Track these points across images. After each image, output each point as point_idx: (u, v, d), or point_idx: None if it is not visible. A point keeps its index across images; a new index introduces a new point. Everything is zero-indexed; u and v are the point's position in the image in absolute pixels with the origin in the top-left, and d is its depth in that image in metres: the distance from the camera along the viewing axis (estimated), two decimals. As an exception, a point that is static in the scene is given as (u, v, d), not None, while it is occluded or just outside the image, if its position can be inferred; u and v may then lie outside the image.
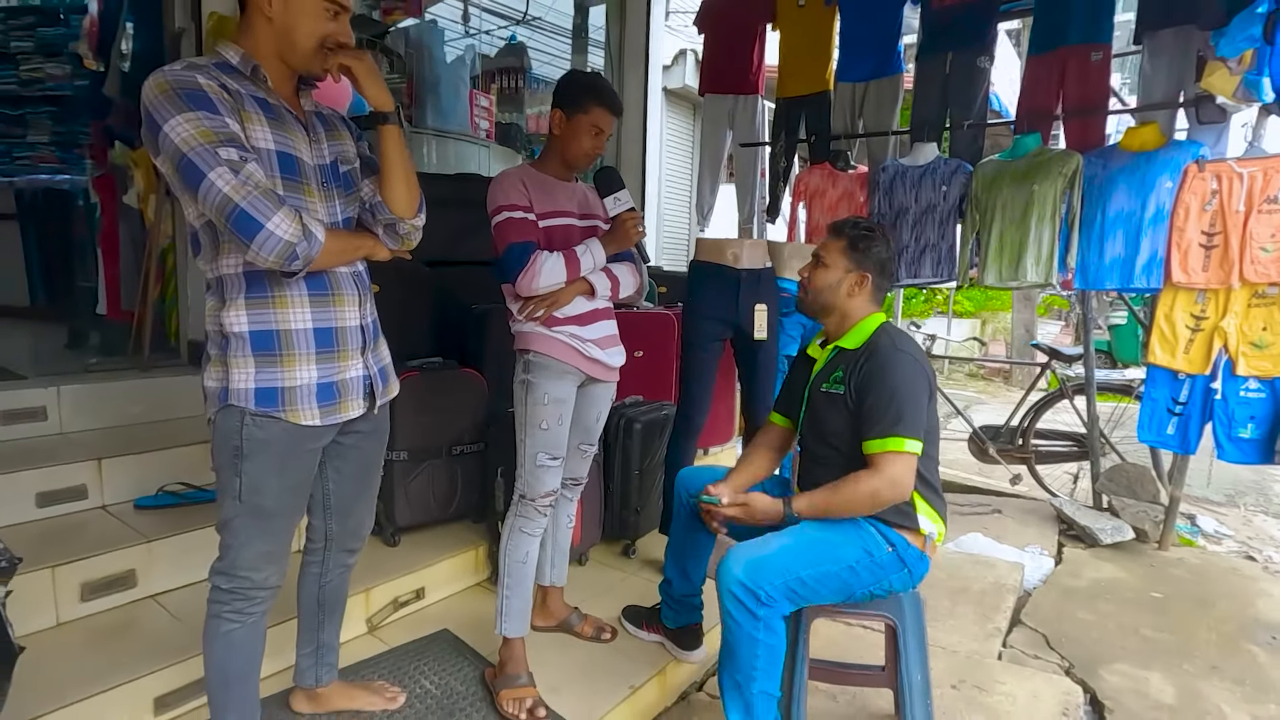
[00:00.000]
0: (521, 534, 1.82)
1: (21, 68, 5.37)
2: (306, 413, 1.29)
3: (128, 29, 2.94)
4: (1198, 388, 2.93)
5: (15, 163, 5.41)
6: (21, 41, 5.38)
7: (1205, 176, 2.79)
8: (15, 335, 3.77)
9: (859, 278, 1.65)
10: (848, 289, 1.66)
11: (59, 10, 5.27)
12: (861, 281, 1.66)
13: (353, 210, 1.41)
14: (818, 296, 1.69)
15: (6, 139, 5.50)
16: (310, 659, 1.64)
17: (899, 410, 1.53)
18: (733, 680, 1.57)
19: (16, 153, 5.48)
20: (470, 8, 5.50)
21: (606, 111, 1.77)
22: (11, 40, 5.36)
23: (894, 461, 1.53)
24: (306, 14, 1.24)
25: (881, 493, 1.54)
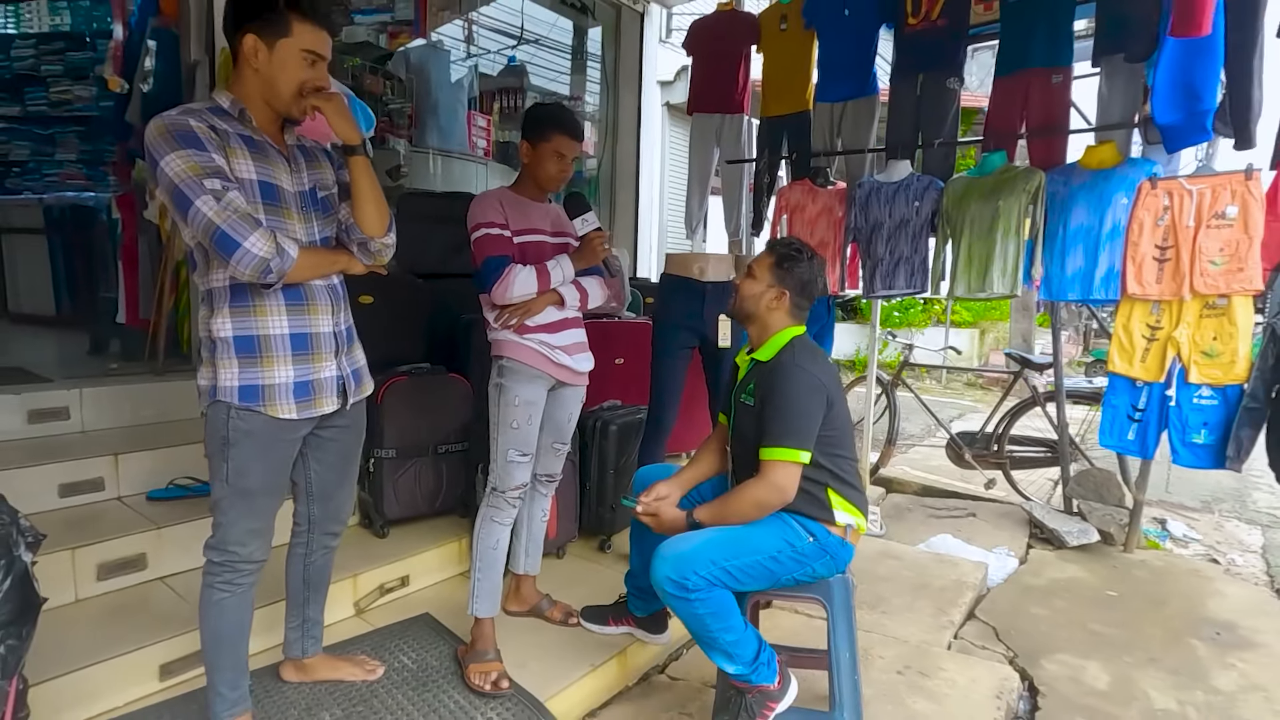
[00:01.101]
0: (493, 523, 2.01)
1: (51, 90, 5.70)
2: (284, 407, 1.49)
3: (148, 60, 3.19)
4: (1155, 395, 3.05)
5: (45, 179, 5.73)
6: (51, 65, 5.72)
7: (1158, 193, 2.92)
8: (42, 341, 4.03)
9: (778, 293, 1.82)
10: (768, 302, 1.83)
11: (86, 36, 5.59)
12: (780, 297, 1.82)
13: (330, 230, 1.61)
14: (742, 304, 1.86)
15: (37, 157, 5.84)
16: (297, 632, 1.83)
17: (789, 422, 1.69)
18: (705, 645, 1.74)
19: (46, 170, 5.81)
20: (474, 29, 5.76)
21: (567, 138, 1.98)
22: (42, 65, 5.70)
23: (779, 470, 1.69)
24: (286, 65, 1.45)
25: (765, 498, 1.71)
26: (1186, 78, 2.50)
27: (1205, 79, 2.47)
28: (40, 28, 5.78)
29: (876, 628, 2.57)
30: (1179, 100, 2.56)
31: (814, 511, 1.77)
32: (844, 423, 1.82)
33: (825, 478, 1.78)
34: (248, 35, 1.43)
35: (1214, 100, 2.52)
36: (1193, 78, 2.50)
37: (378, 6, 5.22)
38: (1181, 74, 2.50)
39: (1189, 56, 2.48)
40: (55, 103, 5.70)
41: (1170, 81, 2.55)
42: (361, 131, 1.56)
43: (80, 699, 1.70)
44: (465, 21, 5.73)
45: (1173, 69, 2.53)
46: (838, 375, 1.87)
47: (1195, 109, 2.54)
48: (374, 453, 2.51)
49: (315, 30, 1.47)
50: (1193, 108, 2.54)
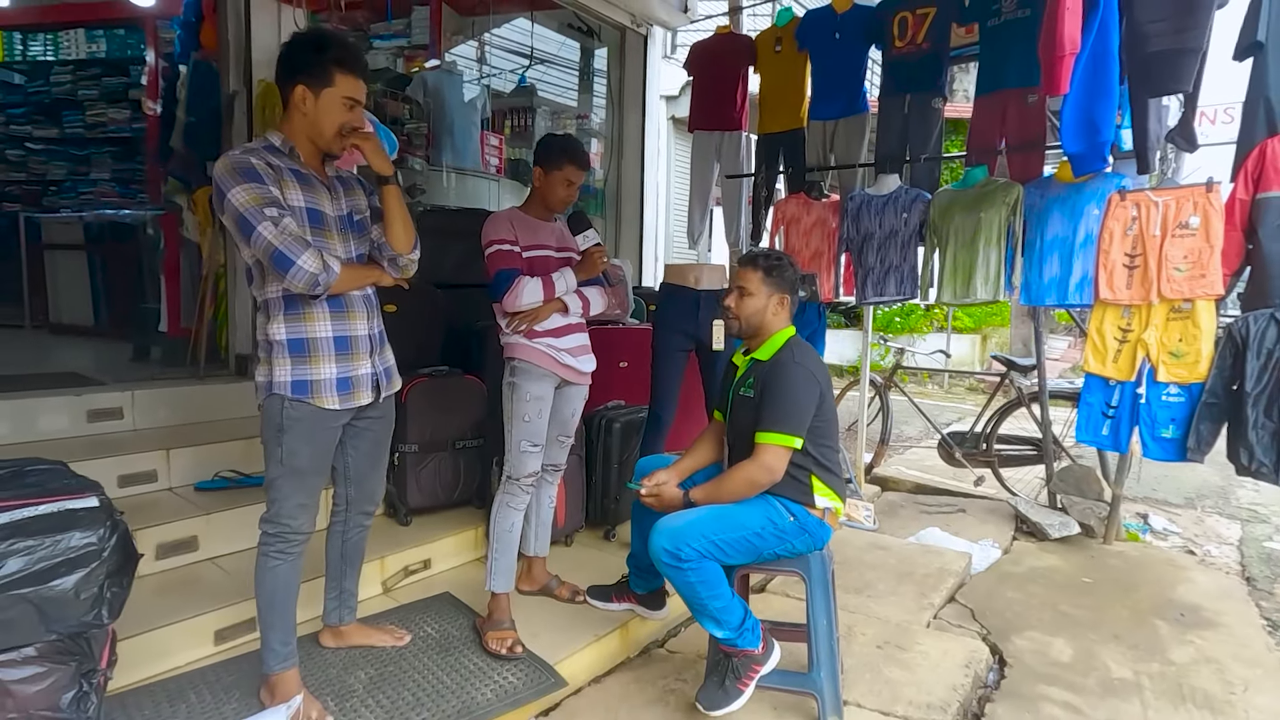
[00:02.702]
0: (508, 508, 2.25)
1: (88, 113, 6.05)
2: (329, 399, 1.73)
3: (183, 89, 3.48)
4: (1126, 393, 3.24)
5: (80, 197, 6.07)
6: (88, 90, 6.06)
7: (1126, 205, 3.12)
8: (85, 350, 4.32)
9: (780, 300, 2.05)
10: (772, 310, 2.05)
11: (120, 62, 5.93)
12: (782, 302, 2.05)
13: (364, 248, 1.86)
14: (749, 321, 2.07)
15: (73, 176, 6.18)
16: (335, 602, 2.08)
17: (785, 411, 1.92)
18: (697, 611, 1.96)
19: (81, 188, 6.15)
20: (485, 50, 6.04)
21: (576, 167, 2.26)
22: (79, 89, 6.04)
23: (771, 452, 1.91)
24: (330, 110, 1.71)
25: (756, 477, 1.93)
26: (1088, 114, 2.76)
27: (1103, 114, 2.74)
28: (78, 55, 6.13)
29: (861, 609, 2.77)
30: (1082, 132, 2.82)
31: (796, 494, 2.00)
32: (831, 416, 2.05)
33: (810, 464, 2.00)
34: (298, 86, 1.68)
35: (1111, 132, 2.76)
36: (1093, 114, 2.77)
37: (395, 32, 5.52)
38: (1084, 111, 2.76)
39: (1090, 96, 2.73)
40: (91, 125, 6.05)
41: (1075, 117, 2.83)
42: (392, 163, 1.81)
43: (150, 657, 1.94)
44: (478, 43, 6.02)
45: (1077, 106, 2.80)
46: (828, 373, 2.10)
47: (1095, 140, 2.81)
48: (398, 447, 2.75)
49: (354, 80, 1.72)
50: (1093, 139, 2.81)
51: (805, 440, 1.95)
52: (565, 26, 5.46)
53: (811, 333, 3.65)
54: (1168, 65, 2.66)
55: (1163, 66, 2.67)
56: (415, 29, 5.26)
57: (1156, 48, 2.66)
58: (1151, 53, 2.67)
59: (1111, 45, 2.72)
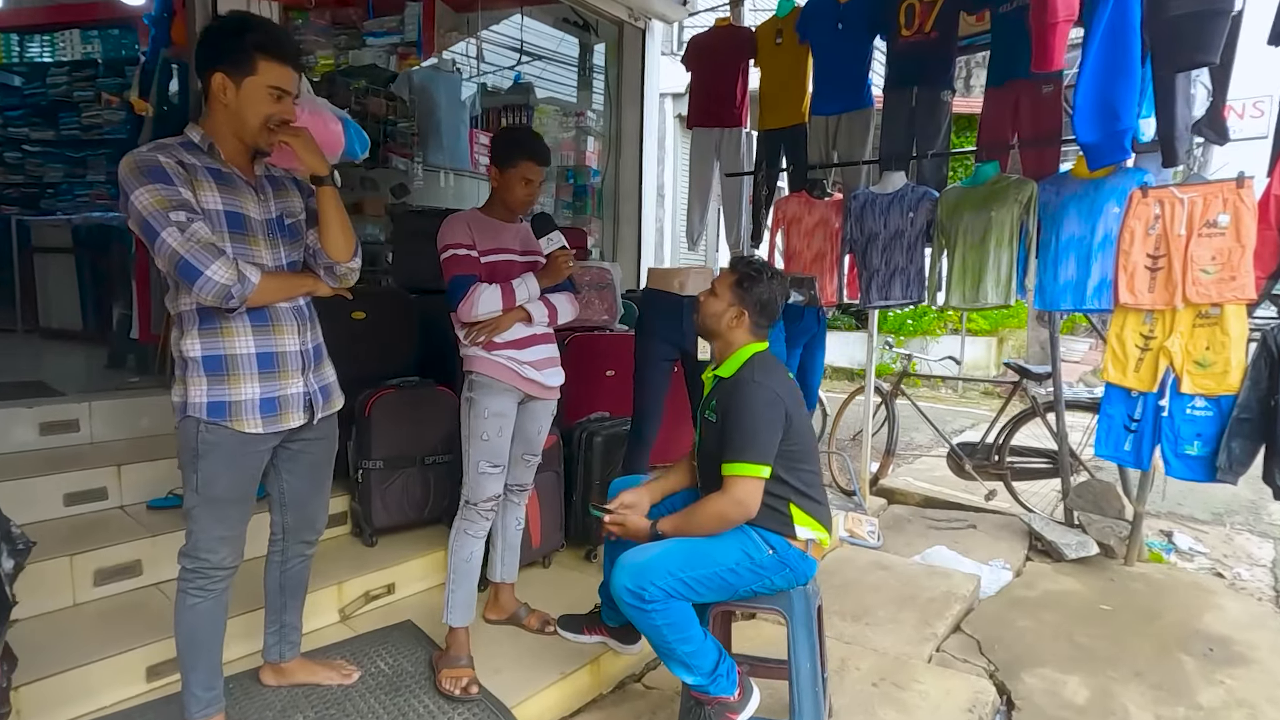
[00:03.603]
0: (466, 535, 2.07)
1: (83, 115, 5.98)
2: (250, 422, 1.57)
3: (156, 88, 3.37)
4: (1149, 405, 3.01)
5: (76, 200, 6.00)
6: (84, 91, 5.99)
7: (1149, 202, 2.89)
8: (68, 356, 4.23)
9: (738, 313, 1.85)
10: (729, 321, 1.86)
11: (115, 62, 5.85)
12: (740, 316, 1.85)
13: (297, 255, 1.70)
14: (705, 321, 1.90)
15: (69, 179, 6.12)
16: (275, 637, 1.92)
17: (748, 437, 1.72)
18: (664, 656, 1.78)
19: (77, 191, 6.08)
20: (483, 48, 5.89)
21: (534, 163, 2.06)
22: (75, 90, 5.97)
23: (740, 485, 1.72)
24: (253, 101, 1.54)
25: (727, 513, 1.74)
26: (1106, 97, 2.49)
27: (1123, 98, 2.46)
28: (73, 56, 6.06)
29: (858, 639, 2.58)
30: (1099, 120, 2.54)
31: (775, 525, 1.80)
32: (805, 437, 1.85)
33: (787, 492, 1.81)
34: (216, 74, 1.52)
35: (1133, 119, 2.50)
36: (1112, 97, 2.49)
37: (388, 29, 5.38)
38: (1101, 94, 2.49)
39: (1109, 77, 2.47)
40: (87, 127, 5.97)
41: (1090, 101, 2.54)
42: (328, 162, 1.65)
43: (69, 698, 1.79)
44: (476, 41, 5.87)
45: (1093, 89, 2.52)
46: (797, 390, 1.90)
47: (1114, 128, 2.52)
48: (362, 463, 2.60)
49: (281, 68, 1.56)
50: (1111, 127, 2.53)
51: (777, 467, 1.76)
52: (562, 21, 5.29)
53: (811, 338, 3.45)
54: (1193, 30, 2.37)
55: (1188, 31, 2.38)
56: (408, 26, 5.13)
57: (1180, 10, 2.36)
58: (1175, 16, 2.38)
59: (1132, 18, 2.44)
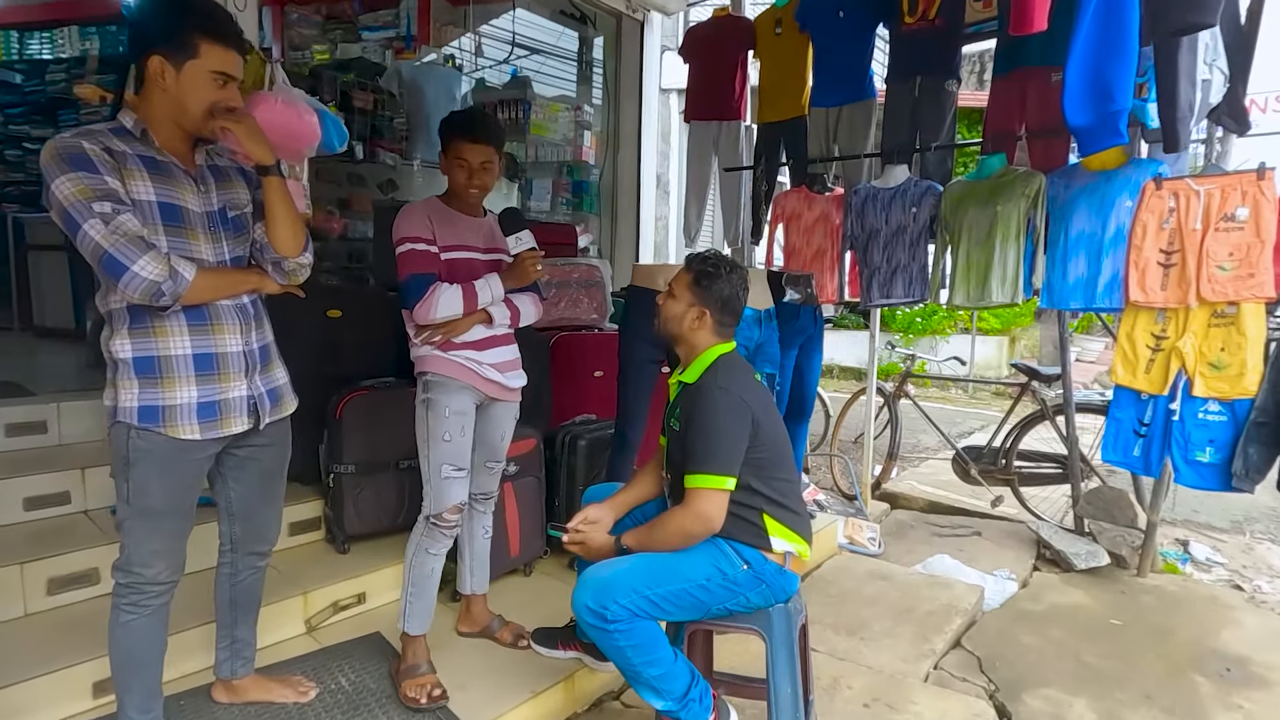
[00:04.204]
0: (426, 553, 1.96)
1: (81, 112, 5.93)
2: (186, 428, 1.47)
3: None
4: (1160, 409, 2.86)
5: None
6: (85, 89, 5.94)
7: (1163, 194, 2.74)
8: (56, 355, 4.17)
9: (699, 313, 1.73)
10: (690, 323, 1.74)
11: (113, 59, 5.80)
12: (701, 317, 1.73)
13: (243, 250, 1.60)
14: (665, 325, 1.78)
15: (71, 176, 6.08)
16: (226, 653, 1.82)
17: (710, 446, 1.61)
18: (631, 679, 1.68)
19: (77, 188, 6.03)
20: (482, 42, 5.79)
21: (468, 143, 1.90)
22: (75, 87, 5.94)
23: (702, 498, 1.61)
24: (195, 87, 1.44)
25: (689, 527, 1.62)
26: (1099, 76, 2.33)
27: (1117, 76, 2.29)
28: (72, 53, 6.03)
29: (851, 655, 2.45)
30: (1090, 100, 2.38)
31: (748, 537, 1.68)
32: (777, 443, 1.73)
33: (760, 502, 1.69)
34: (154, 57, 1.42)
35: (1127, 99, 2.33)
36: (1106, 76, 2.32)
37: (383, 24, 5.29)
38: (1093, 72, 2.34)
39: (1101, 54, 2.31)
40: (84, 124, 5.93)
41: (1081, 80, 2.38)
42: (275, 153, 1.54)
43: (13, 715, 1.71)
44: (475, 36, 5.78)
45: (1084, 66, 2.36)
46: (765, 394, 1.78)
47: (1107, 110, 2.35)
48: (333, 468, 2.50)
49: (224, 52, 1.46)
50: (1104, 109, 2.35)
51: (747, 476, 1.64)
52: (559, 14, 5.18)
53: (808, 339, 3.31)
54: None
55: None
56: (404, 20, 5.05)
57: None
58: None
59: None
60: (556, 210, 5.37)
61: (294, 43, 5.23)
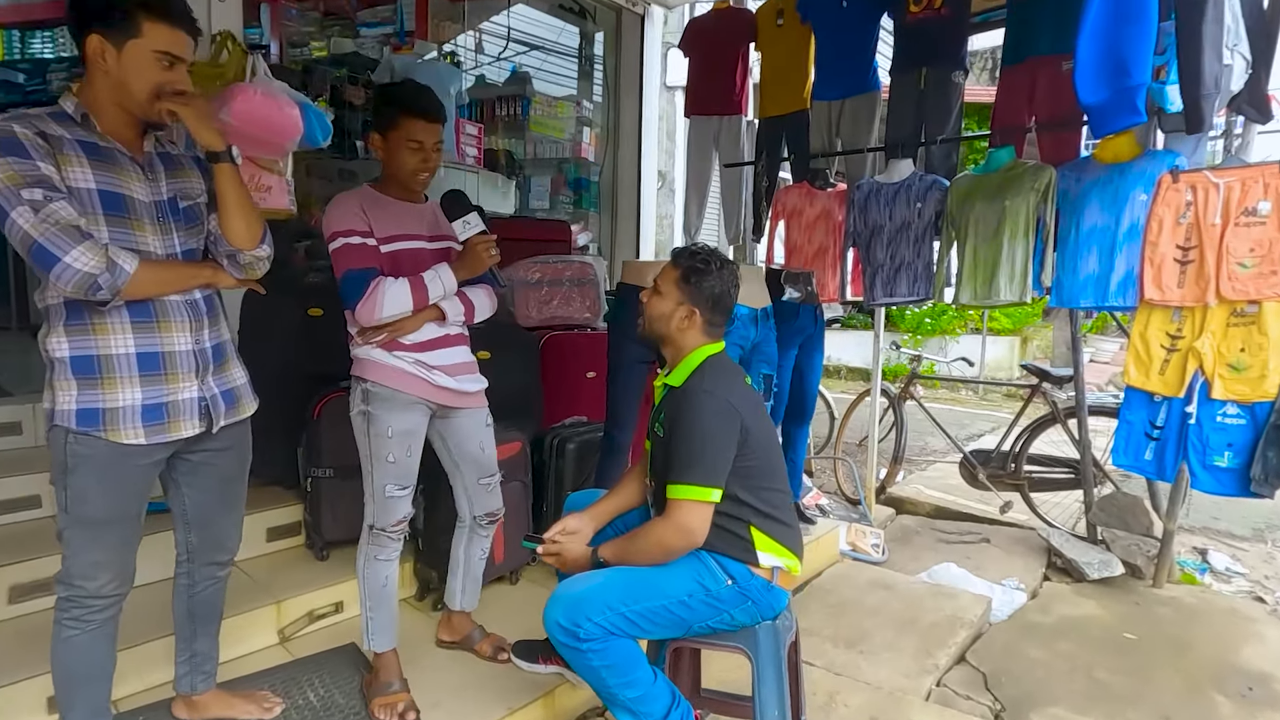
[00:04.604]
0: (377, 561, 1.85)
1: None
2: (129, 432, 1.38)
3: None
4: (1174, 411, 2.74)
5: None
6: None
7: (1180, 187, 2.63)
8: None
9: (688, 312, 1.63)
10: (678, 323, 1.64)
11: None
12: (690, 316, 1.63)
13: (196, 242, 1.51)
14: (650, 325, 1.68)
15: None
16: (186, 667, 1.73)
17: (695, 455, 1.50)
18: (606, 701, 1.59)
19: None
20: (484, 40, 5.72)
21: (419, 121, 1.72)
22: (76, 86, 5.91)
23: (684, 510, 1.50)
24: (138, 68, 1.35)
25: (670, 541, 1.52)
26: (1113, 49, 2.19)
27: (1134, 48, 2.15)
28: (73, 51, 6.00)
29: (849, 669, 2.34)
30: (1105, 75, 2.23)
31: (734, 551, 1.58)
32: (767, 451, 1.62)
33: (747, 514, 1.59)
34: (93, 36, 1.34)
35: (1146, 74, 2.19)
36: (1121, 48, 2.17)
37: (381, 20, 5.23)
38: (1107, 44, 2.19)
39: (1117, 24, 2.17)
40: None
41: (1094, 53, 2.23)
42: (225, 138, 1.46)
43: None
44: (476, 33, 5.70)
45: (1097, 39, 2.21)
46: (756, 398, 1.68)
47: (1123, 85, 2.19)
48: (312, 471, 2.42)
49: (170, 31, 1.37)
50: (1120, 84, 2.19)
51: (734, 486, 1.54)
52: (558, 8, 5.10)
53: (808, 338, 3.20)
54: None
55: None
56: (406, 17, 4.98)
57: None
58: None
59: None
60: (558, 208, 5.29)
61: (292, 39, 5.18)
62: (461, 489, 2.06)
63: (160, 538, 1.84)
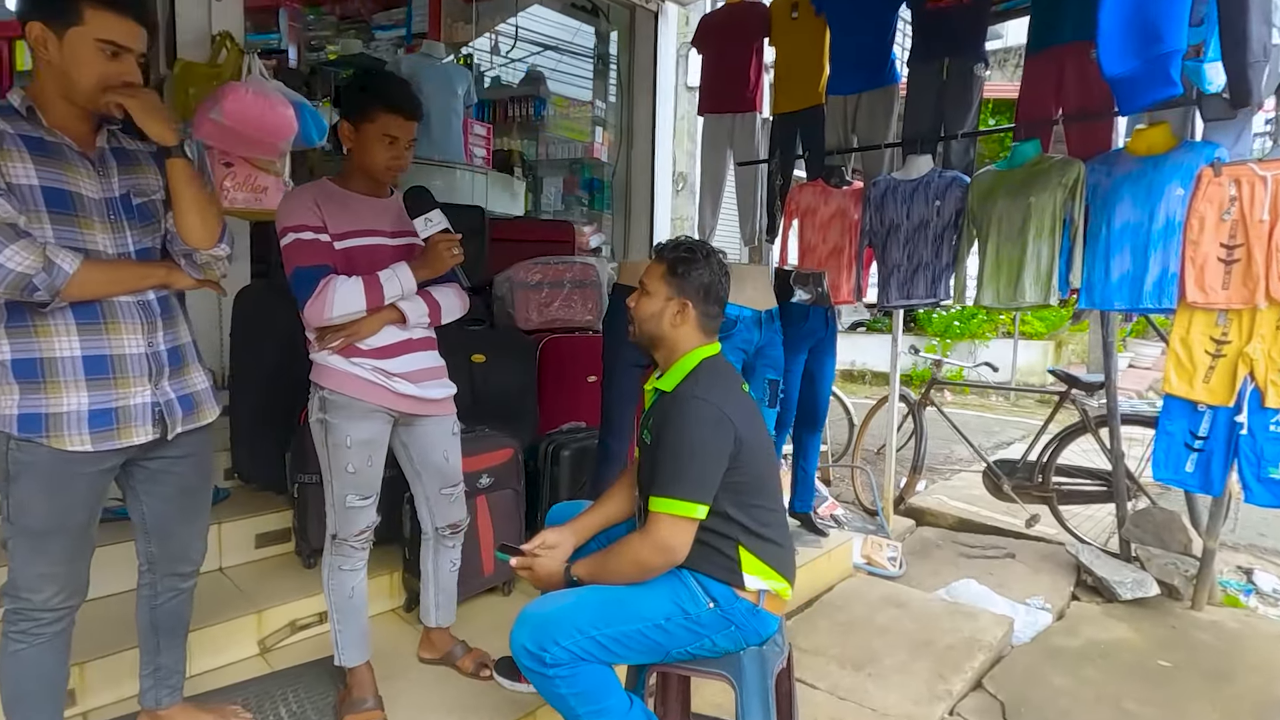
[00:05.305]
0: (341, 572, 1.78)
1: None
2: (74, 439, 1.32)
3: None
4: (1220, 421, 2.56)
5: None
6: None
7: (1222, 181, 2.45)
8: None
9: (680, 305, 1.52)
10: (670, 319, 1.52)
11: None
12: (683, 310, 1.52)
13: (152, 240, 1.45)
14: (642, 327, 1.56)
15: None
16: (150, 680, 1.67)
17: (681, 467, 1.39)
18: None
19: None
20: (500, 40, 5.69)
21: (397, 116, 1.64)
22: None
23: (665, 525, 1.39)
24: (81, 58, 1.29)
25: (647, 559, 1.41)
26: (1141, 10, 1.98)
27: (1168, 11, 1.93)
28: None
29: (855, 694, 2.20)
30: (1133, 42, 2.00)
31: (718, 571, 1.46)
32: (760, 465, 1.51)
33: (735, 532, 1.47)
34: (34, 24, 1.28)
35: (1180, 39, 1.97)
36: (1149, 10, 1.95)
37: (394, 22, 5.23)
38: (1135, 6, 2.00)
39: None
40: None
41: (1120, 18, 2.01)
42: (180, 133, 1.39)
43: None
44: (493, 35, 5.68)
45: (1123, 1, 2.00)
46: (752, 406, 1.56)
47: (1154, 53, 1.96)
48: (298, 477, 2.36)
49: (115, 19, 1.31)
50: (1151, 50, 1.96)
51: (724, 501, 1.42)
52: (571, 7, 5.03)
53: (819, 342, 3.06)
54: None
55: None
56: (416, 17, 4.97)
57: None
58: None
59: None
60: (573, 209, 5.22)
61: (310, 43, 5.21)
62: (423, 499, 1.97)
63: (131, 544, 1.78)
